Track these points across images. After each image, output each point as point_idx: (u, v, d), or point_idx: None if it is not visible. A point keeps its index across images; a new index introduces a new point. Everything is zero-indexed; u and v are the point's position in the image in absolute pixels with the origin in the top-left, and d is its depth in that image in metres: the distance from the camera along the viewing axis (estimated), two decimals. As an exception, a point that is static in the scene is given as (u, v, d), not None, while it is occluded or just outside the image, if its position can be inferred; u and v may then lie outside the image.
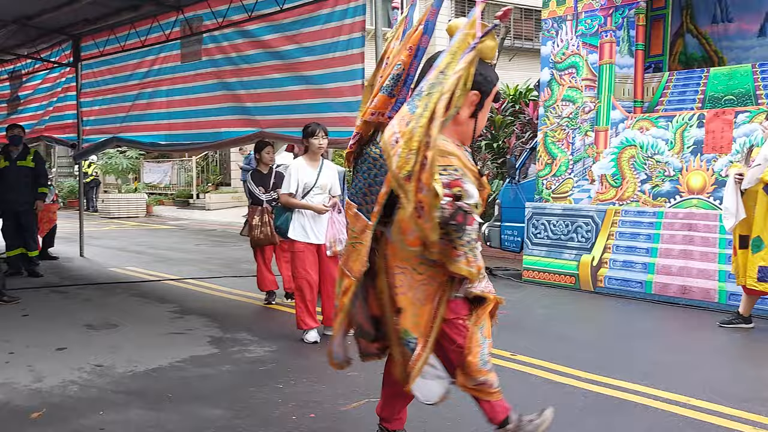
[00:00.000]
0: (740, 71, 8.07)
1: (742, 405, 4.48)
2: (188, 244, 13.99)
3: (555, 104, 9.15)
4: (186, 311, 7.43)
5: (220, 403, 4.55)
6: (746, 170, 6.36)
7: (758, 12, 8.69)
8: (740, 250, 6.51)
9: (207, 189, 23.76)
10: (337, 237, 6.17)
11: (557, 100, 9.12)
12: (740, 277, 6.52)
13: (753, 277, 6.30)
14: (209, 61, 8.58)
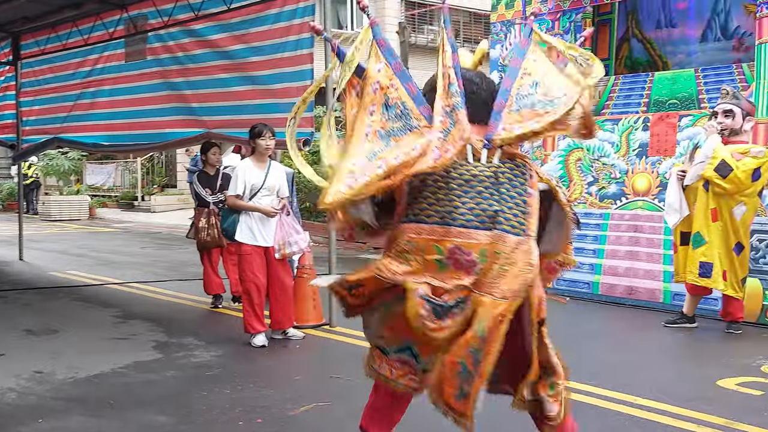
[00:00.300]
0: (683, 76, 8.27)
1: (687, 404, 4.58)
2: (133, 247, 13.77)
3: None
4: (130, 316, 7.30)
5: (165, 409, 4.48)
6: (689, 168, 6.52)
7: (701, 18, 8.93)
8: (681, 247, 6.67)
9: (152, 191, 23.41)
10: (286, 239, 6.14)
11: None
12: (680, 273, 6.66)
13: (694, 273, 6.45)
14: (154, 61, 8.47)
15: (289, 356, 5.92)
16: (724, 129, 6.39)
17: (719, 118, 6.42)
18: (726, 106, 6.39)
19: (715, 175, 6.28)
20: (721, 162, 6.25)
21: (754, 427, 4.16)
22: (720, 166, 6.25)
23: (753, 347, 6.12)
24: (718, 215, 6.38)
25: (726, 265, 6.42)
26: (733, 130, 6.39)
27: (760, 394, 4.84)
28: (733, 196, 6.30)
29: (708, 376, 5.28)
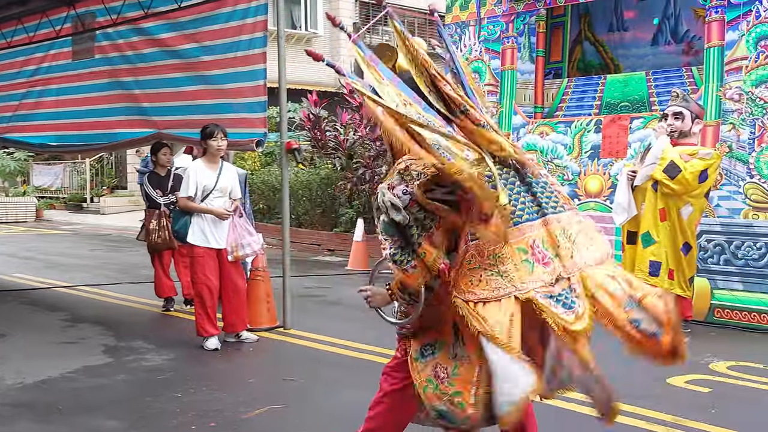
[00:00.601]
0: (635, 78, 8.44)
1: (637, 401, 4.67)
2: (82, 249, 13.55)
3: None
4: (79, 319, 7.20)
5: (115, 414, 4.44)
6: (640, 168, 6.66)
7: (651, 22, 9.11)
8: (627, 246, 6.81)
9: (102, 192, 23.03)
10: (239, 242, 6.11)
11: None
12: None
13: (644, 272, 6.59)
14: (103, 59, 8.35)
15: (243, 359, 5.90)
16: (674, 131, 6.54)
17: (669, 120, 6.57)
18: (676, 109, 6.54)
19: (664, 176, 6.42)
20: (669, 163, 6.40)
21: (702, 424, 4.28)
22: (669, 168, 6.40)
23: (701, 345, 6.27)
24: (666, 215, 6.53)
25: (673, 264, 6.57)
26: (683, 132, 6.55)
27: (708, 391, 4.97)
28: (680, 196, 6.45)
29: (658, 374, 5.38)
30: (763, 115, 6.97)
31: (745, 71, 7.09)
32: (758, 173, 6.99)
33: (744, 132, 7.10)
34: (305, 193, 13.38)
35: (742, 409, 4.61)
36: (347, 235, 12.35)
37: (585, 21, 9.65)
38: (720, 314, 7.04)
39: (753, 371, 5.47)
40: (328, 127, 13.59)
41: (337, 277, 10.17)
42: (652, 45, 9.15)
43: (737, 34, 7.14)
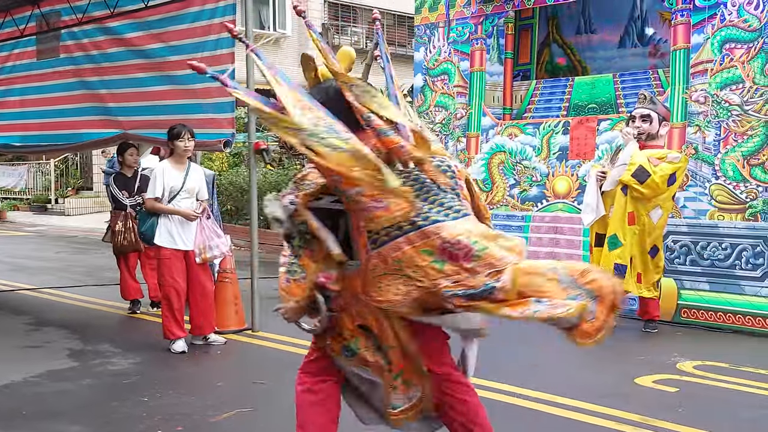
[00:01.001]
0: (602, 80, 8.51)
1: (605, 401, 4.71)
2: (47, 251, 13.35)
3: (428, 110, 9.34)
4: (43, 323, 7.08)
5: (80, 419, 4.36)
6: (610, 169, 6.71)
7: (619, 24, 9.19)
8: (596, 248, 6.87)
9: (67, 193, 22.73)
10: (207, 243, 6.06)
11: (430, 106, 9.32)
12: None
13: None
14: (68, 59, 8.24)
15: (210, 362, 5.84)
16: (642, 133, 6.60)
17: (637, 122, 6.63)
18: (644, 111, 6.60)
19: (633, 180, 6.48)
20: (638, 168, 6.46)
21: (669, 423, 4.31)
22: (638, 172, 6.46)
23: (669, 345, 6.35)
24: (635, 219, 6.59)
25: (640, 267, 6.65)
26: (650, 135, 6.61)
27: (675, 390, 5.02)
28: (650, 200, 6.52)
29: (626, 373, 5.44)
30: (728, 117, 7.07)
31: (711, 74, 7.19)
32: (723, 175, 7.08)
33: (709, 134, 7.19)
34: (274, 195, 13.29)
35: (708, 409, 4.66)
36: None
37: (553, 23, 9.72)
38: (686, 314, 7.12)
39: (719, 370, 5.54)
40: (297, 128, 13.54)
41: (307, 279, 10.11)
42: (619, 47, 9.23)
43: (702, 38, 7.23)
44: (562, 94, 8.69)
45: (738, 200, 6.99)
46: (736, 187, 7.01)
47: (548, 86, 8.98)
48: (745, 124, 6.98)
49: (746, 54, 6.97)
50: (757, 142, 6.90)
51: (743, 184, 6.97)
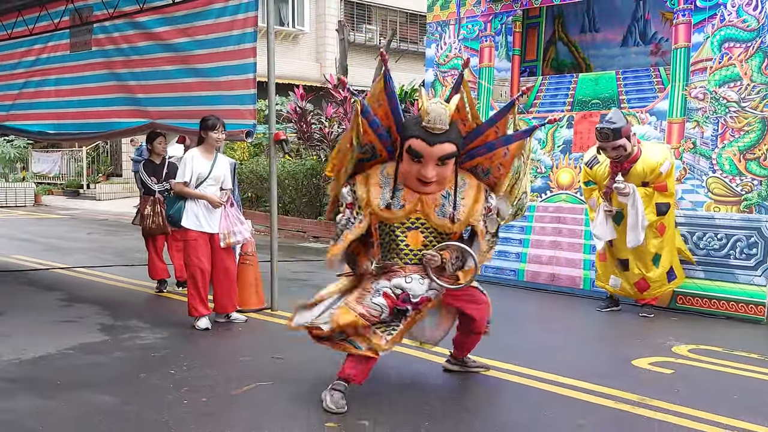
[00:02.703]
0: (605, 77, 8.44)
1: (604, 381, 4.70)
2: (79, 233, 13.42)
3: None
4: (76, 299, 7.13)
5: (110, 389, 4.40)
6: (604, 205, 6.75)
7: (622, 24, 9.12)
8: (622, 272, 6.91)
9: (98, 179, 22.82)
10: (231, 229, 6.10)
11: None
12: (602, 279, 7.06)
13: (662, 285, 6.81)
14: (99, 52, 8.24)
15: (232, 338, 5.87)
16: (619, 157, 6.56)
17: (611, 154, 6.53)
18: (615, 143, 6.46)
19: (660, 218, 6.62)
20: (656, 206, 6.57)
21: (665, 403, 4.30)
22: (658, 209, 6.58)
23: (664, 330, 6.32)
24: (665, 228, 6.71)
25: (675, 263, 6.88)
26: (627, 155, 6.57)
27: (671, 372, 5.00)
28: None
29: (624, 356, 5.43)
30: (726, 113, 7.01)
31: (710, 72, 7.12)
32: (720, 168, 7.03)
33: (707, 129, 7.13)
34: (291, 183, 13.32)
35: (702, 390, 4.64)
36: (331, 224, 12.28)
37: (559, 22, 9.65)
38: (682, 301, 7.09)
39: (713, 354, 5.52)
40: (313, 120, 13.55)
41: (322, 263, 10.12)
42: (622, 46, 9.16)
43: (702, 37, 7.17)
44: (566, 89, 8.63)
45: (734, 193, 6.94)
46: (732, 181, 6.96)
47: (554, 82, 8.91)
48: (742, 120, 6.92)
49: (744, 53, 6.90)
50: (753, 137, 6.84)
51: (739, 177, 6.92)
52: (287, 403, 4.20)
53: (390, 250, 4.17)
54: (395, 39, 25.03)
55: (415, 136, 3.93)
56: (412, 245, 4.12)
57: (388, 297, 4.04)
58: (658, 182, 6.55)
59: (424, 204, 4.09)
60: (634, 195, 6.48)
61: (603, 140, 6.48)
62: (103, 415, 3.97)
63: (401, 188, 4.07)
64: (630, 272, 6.77)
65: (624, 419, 4.06)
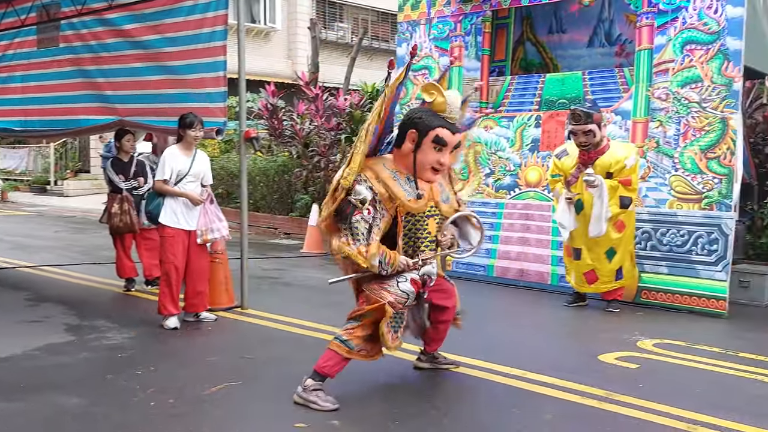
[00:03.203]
0: (572, 77, 8.50)
1: (571, 376, 4.72)
2: (46, 230, 13.18)
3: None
4: (42, 299, 6.99)
5: (77, 391, 4.31)
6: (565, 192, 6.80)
7: (588, 25, 9.18)
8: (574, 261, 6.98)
9: (65, 176, 22.45)
10: (209, 226, 6.05)
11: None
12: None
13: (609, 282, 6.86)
14: (67, 48, 8.09)
15: (202, 338, 5.80)
16: (587, 145, 6.62)
17: (581, 138, 6.61)
18: (586, 127, 6.55)
19: (622, 211, 6.65)
20: (620, 198, 6.59)
21: (630, 398, 4.34)
22: (621, 202, 6.60)
23: (630, 325, 6.38)
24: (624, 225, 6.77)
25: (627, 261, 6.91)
26: (594, 144, 6.63)
27: (636, 367, 5.05)
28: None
29: (590, 351, 5.47)
30: (688, 113, 7.09)
31: (672, 73, 7.20)
32: (682, 167, 7.11)
33: (670, 129, 7.21)
34: (263, 179, 13.23)
35: (666, 384, 4.69)
36: (302, 220, 12.26)
37: (527, 23, 9.70)
38: (647, 296, 7.17)
39: (676, 348, 5.58)
40: (285, 117, 13.46)
41: (293, 260, 10.09)
42: (588, 47, 9.23)
43: (665, 39, 7.24)
44: (534, 89, 8.67)
45: (695, 191, 7.02)
46: (693, 179, 7.04)
47: (522, 82, 8.95)
48: (703, 120, 7.00)
49: (705, 55, 6.98)
50: (714, 137, 6.93)
51: (700, 176, 7.00)
52: (257, 402, 4.16)
53: (414, 240, 4.25)
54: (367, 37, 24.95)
55: (441, 125, 4.11)
56: (432, 232, 4.29)
57: (416, 283, 4.14)
58: (623, 176, 6.60)
59: (433, 192, 4.28)
60: (602, 187, 6.54)
61: (575, 122, 6.57)
62: (71, 417, 3.90)
63: (413, 179, 4.19)
64: (582, 262, 6.83)
65: (590, 414, 4.08)
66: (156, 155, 8.02)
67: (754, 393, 4.55)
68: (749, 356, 5.41)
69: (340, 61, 23.91)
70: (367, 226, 3.98)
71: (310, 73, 16.17)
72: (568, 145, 6.98)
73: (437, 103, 4.13)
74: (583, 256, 6.82)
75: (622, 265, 6.81)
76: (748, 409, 4.22)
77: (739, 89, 6.84)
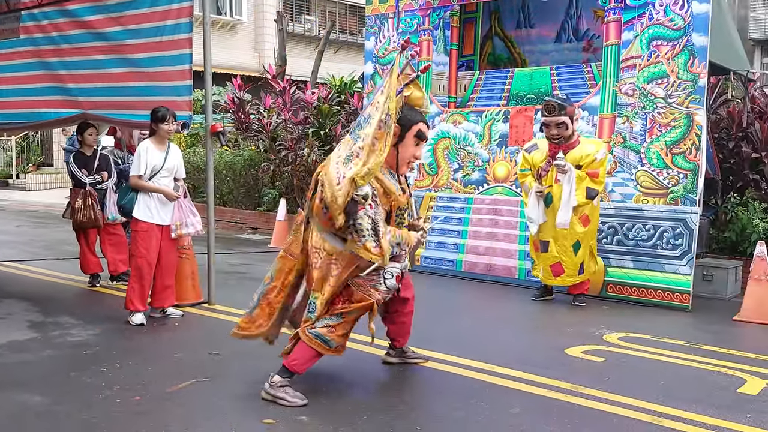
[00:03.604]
0: (540, 72, 8.57)
1: (538, 370, 4.78)
2: (8, 225, 12.96)
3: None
4: (3, 295, 6.87)
5: (40, 389, 4.25)
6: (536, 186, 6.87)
7: (555, 21, 9.26)
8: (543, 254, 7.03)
9: (27, 169, 22.08)
10: (184, 220, 6.02)
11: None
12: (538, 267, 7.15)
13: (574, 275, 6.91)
14: (28, 40, 7.92)
15: (168, 334, 5.75)
16: (559, 138, 6.69)
17: (553, 131, 6.69)
18: (559, 119, 6.64)
19: (588, 202, 6.71)
20: (586, 189, 6.64)
21: (597, 391, 4.40)
22: (588, 193, 6.66)
23: (596, 318, 6.47)
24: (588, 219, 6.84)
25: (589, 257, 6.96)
26: (566, 137, 6.71)
27: (602, 360, 5.12)
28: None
29: (557, 344, 5.53)
30: (654, 109, 7.19)
31: (639, 69, 7.30)
32: (648, 162, 7.22)
33: (636, 124, 7.31)
34: (229, 174, 13.14)
35: (632, 377, 4.76)
36: (270, 215, 12.21)
37: (495, 18, 9.75)
38: (612, 289, 7.27)
39: (642, 341, 5.67)
40: (251, 111, 13.38)
41: (260, 255, 10.04)
42: (556, 42, 9.31)
43: (632, 35, 7.34)
44: (503, 84, 8.73)
45: (661, 186, 7.14)
46: (659, 174, 7.15)
47: (490, 77, 9.01)
48: (668, 116, 7.11)
49: (671, 51, 7.09)
50: (679, 132, 7.04)
51: (666, 171, 7.12)
52: (224, 399, 4.14)
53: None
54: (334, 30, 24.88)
55: (422, 120, 4.22)
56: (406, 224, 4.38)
57: (398, 278, 4.17)
58: (592, 168, 6.67)
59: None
60: (571, 173, 6.61)
61: (548, 113, 6.64)
62: (34, 415, 3.84)
63: (393, 173, 4.23)
64: (549, 254, 6.91)
65: (557, 407, 4.13)
66: (120, 150, 7.93)
67: (717, 384, 4.64)
68: (712, 349, 5.52)
69: (308, 54, 23.82)
70: (370, 221, 3.92)
71: (277, 66, 16.07)
72: (538, 139, 7.04)
73: (414, 98, 4.18)
74: (551, 248, 6.88)
75: (584, 260, 6.90)
76: (711, 400, 4.31)
77: (704, 85, 6.96)
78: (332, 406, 4.08)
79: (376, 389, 4.42)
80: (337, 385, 4.45)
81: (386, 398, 4.25)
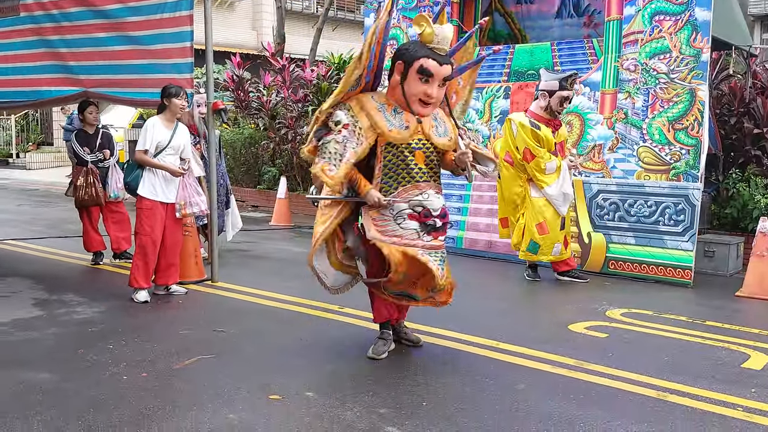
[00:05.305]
0: (540, 48, 8.47)
1: (542, 346, 4.78)
2: (9, 204, 12.90)
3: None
4: (8, 273, 6.84)
5: (47, 366, 4.24)
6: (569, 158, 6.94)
7: (556, -5, 9.18)
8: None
9: (28, 148, 21.97)
10: (188, 200, 5.96)
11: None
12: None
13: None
14: (28, 17, 7.81)
15: (173, 311, 5.73)
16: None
17: (566, 104, 6.72)
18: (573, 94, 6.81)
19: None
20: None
21: (600, 366, 4.40)
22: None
23: (598, 294, 6.46)
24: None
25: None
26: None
27: (605, 336, 5.12)
28: None
29: (560, 321, 5.52)
30: (656, 84, 7.13)
31: (641, 44, 7.22)
32: (650, 138, 7.17)
33: (638, 100, 7.25)
34: (229, 152, 13.07)
35: (635, 352, 4.76)
36: (270, 192, 12.17)
37: (496, -7, 9.64)
38: (614, 266, 7.26)
39: (644, 317, 5.67)
40: (251, 89, 13.29)
41: (261, 233, 10.02)
42: (557, 17, 9.22)
43: (634, 9, 7.25)
44: (503, 60, 8.64)
45: (663, 162, 7.09)
46: (661, 150, 7.11)
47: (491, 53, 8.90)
48: (671, 92, 7.05)
49: (674, 26, 7.01)
50: (682, 108, 6.98)
51: (668, 147, 7.07)
52: (230, 376, 4.13)
53: (398, 171, 4.26)
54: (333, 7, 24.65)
55: (427, 56, 4.11)
56: (420, 164, 4.29)
57: (413, 217, 4.20)
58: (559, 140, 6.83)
59: (423, 126, 4.27)
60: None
61: (572, 86, 6.69)
62: (42, 393, 3.82)
63: (401, 111, 4.23)
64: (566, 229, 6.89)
65: (562, 383, 4.13)
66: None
67: (721, 360, 4.64)
68: (715, 324, 5.52)
69: (306, 32, 23.63)
70: (337, 146, 4.05)
71: (275, 44, 15.93)
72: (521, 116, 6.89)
73: (425, 34, 4.14)
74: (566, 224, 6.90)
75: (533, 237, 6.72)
76: (715, 375, 4.30)
77: (707, 60, 6.89)
78: (338, 382, 4.07)
79: (379, 366, 4.41)
80: (344, 361, 4.44)
81: (391, 374, 4.24)
